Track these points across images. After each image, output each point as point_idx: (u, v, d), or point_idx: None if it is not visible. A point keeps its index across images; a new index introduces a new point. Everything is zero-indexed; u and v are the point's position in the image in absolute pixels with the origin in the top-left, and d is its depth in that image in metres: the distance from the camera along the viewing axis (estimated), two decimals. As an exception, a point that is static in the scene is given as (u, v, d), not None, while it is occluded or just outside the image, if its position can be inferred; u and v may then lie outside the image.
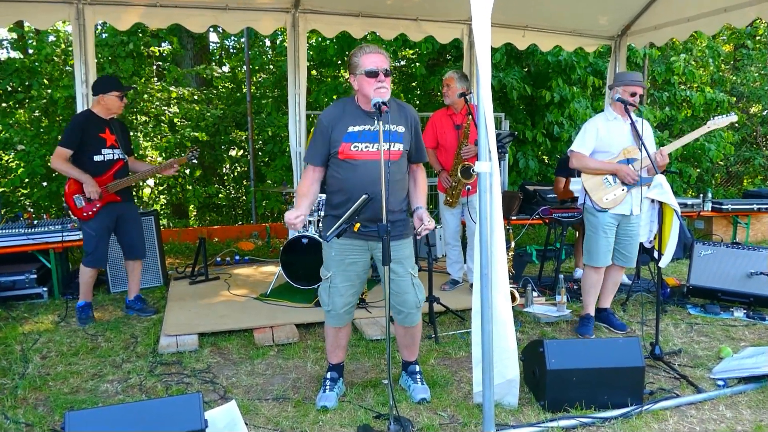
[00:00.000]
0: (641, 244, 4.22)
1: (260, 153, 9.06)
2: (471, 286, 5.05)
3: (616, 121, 4.13)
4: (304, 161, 3.23)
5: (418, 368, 3.36)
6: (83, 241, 4.65)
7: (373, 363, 3.78)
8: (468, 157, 4.64)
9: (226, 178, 9.89)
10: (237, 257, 6.53)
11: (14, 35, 8.61)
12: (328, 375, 3.30)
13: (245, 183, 9.55)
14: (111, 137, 4.51)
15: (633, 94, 4.02)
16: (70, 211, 4.57)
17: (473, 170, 4.49)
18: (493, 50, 7.90)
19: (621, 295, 4.94)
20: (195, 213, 10.09)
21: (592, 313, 4.34)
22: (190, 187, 9.06)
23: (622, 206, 4.08)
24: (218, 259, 6.43)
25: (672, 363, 3.65)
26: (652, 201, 3.60)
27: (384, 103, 2.81)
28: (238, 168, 9.93)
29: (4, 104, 8.38)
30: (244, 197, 9.76)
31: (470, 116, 4.52)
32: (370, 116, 2.97)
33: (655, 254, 3.66)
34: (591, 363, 3.05)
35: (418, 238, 3.12)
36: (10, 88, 8.01)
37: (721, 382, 3.38)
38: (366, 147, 2.98)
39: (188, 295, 5.16)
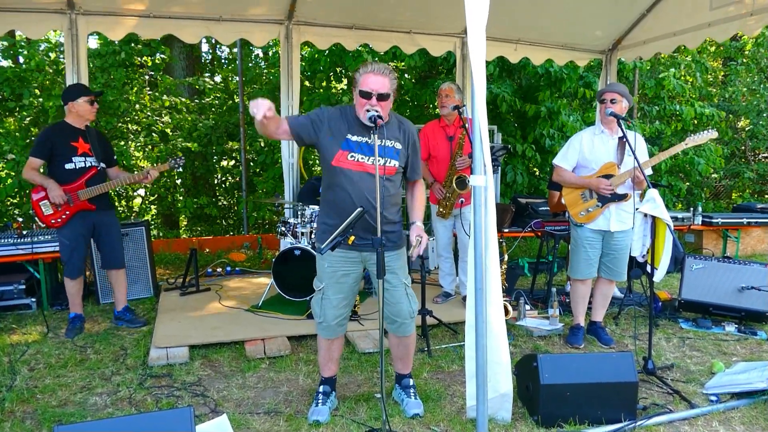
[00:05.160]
0: (635, 259, 4.24)
1: (252, 163, 9.04)
2: (463, 298, 5.06)
3: (602, 135, 4.15)
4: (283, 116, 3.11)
5: (411, 382, 3.34)
6: (60, 251, 4.60)
7: (366, 376, 3.75)
8: (462, 167, 4.65)
9: (217, 188, 9.85)
10: (228, 268, 6.48)
11: (4, 44, 8.57)
12: (321, 389, 3.27)
13: (237, 193, 9.51)
14: (84, 146, 4.47)
15: (612, 101, 4.04)
16: (36, 218, 4.49)
17: (468, 181, 4.52)
18: (486, 63, 7.94)
19: (613, 309, 4.96)
20: (185, 223, 10.03)
21: (582, 323, 4.36)
22: (181, 198, 9.02)
23: (599, 222, 4.11)
24: (209, 270, 6.39)
25: (665, 378, 3.65)
26: (645, 215, 3.62)
27: (380, 117, 2.81)
28: (230, 178, 9.90)
29: (-3, 112, 8.33)
30: (235, 208, 9.72)
31: (464, 128, 4.54)
32: (368, 129, 2.97)
33: (648, 268, 3.67)
34: (585, 378, 3.04)
35: (412, 260, 3.11)
36: (0, 97, 7.94)
37: (714, 398, 3.39)
38: (362, 159, 2.98)
39: (179, 306, 5.11)
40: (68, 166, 4.41)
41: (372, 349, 4.12)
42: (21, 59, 8.65)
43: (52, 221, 4.43)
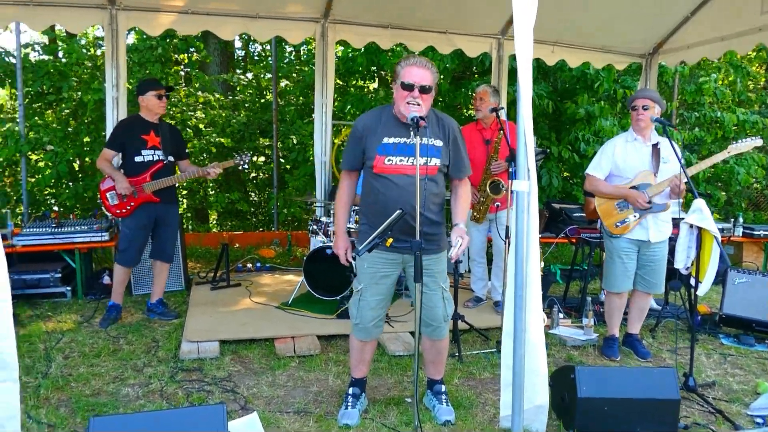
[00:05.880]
0: (673, 269, 4.11)
1: (282, 160, 9.07)
2: (495, 304, 5.00)
3: (636, 142, 4.03)
4: (340, 167, 3.22)
5: (443, 388, 3.29)
6: (119, 239, 4.69)
7: (396, 380, 3.71)
8: (497, 172, 4.57)
9: (248, 184, 9.91)
10: (258, 264, 6.51)
11: (45, 38, 8.76)
12: (351, 390, 3.24)
13: (268, 190, 9.56)
14: (155, 139, 4.57)
15: (644, 107, 3.94)
16: (103, 208, 4.65)
17: (503, 186, 4.44)
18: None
19: (650, 321, 4.81)
20: (215, 218, 10.12)
21: (617, 334, 4.24)
22: (213, 192, 9.09)
23: (637, 232, 3.99)
24: (239, 265, 6.42)
25: (706, 396, 3.52)
26: (691, 226, 3.50)
27: (422, 118, 2.76)
28: (261, 175, 9.95)
29: (35, 105, 8.49)
30: (266, 204, 9.76)
31: (501, 131, 4.46)
32: (406, 128, 2.92)
33: (692, 281, 3.55)
34: (624, 392, 2.95)
35: (452, 261, 3.05)
36: (41, 90, 8.10)
37: (759, 420, 3.25)
38: (401, 161, 2.93)
39: (210, 301, 5.14)
40: (137, 158, 4.51)
41: (402, 352, 4.08)
42: (60, 54, 8.83)
43: (117, 211, 4.55)
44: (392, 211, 2.78)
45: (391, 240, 2.75)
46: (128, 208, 4.54)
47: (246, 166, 5.03)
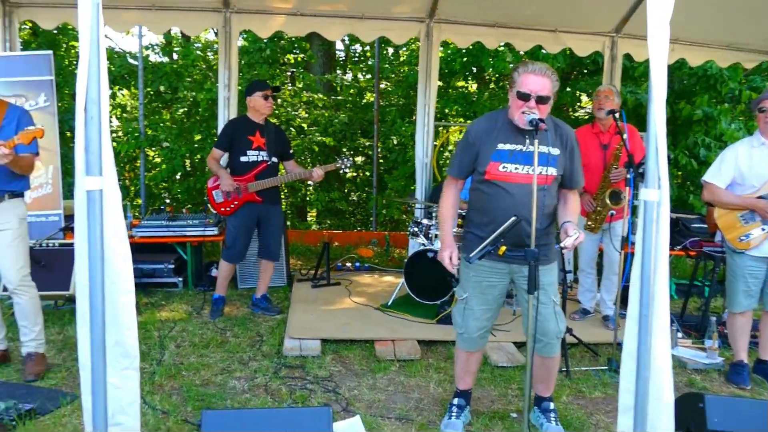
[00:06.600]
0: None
1: (382, 161, 9.11)
2: (604, 318, 4.72)
3: (763, 147, 3.64)
4: (446, 172, 3.13)
5: (552, 405, 3.11)
6: (224, 235, 4.88)
7: (500, 392, 3.57)
8: (617, 180, 4.29)
9: (347, 184, 10.05)
10: (357, 264, 6.55)
11: (162, 41, 9.35)
12: (455, 401, 3.15)
13: (367, 190, 9.64)
14: (260, 140, 4.68)
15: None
16: (209, 205, 4.84)
17: (624, 195, 4.17)
18: (638, 65, 7.40)
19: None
20: (314, 216, 10.34)
21: (746, 360, 3.85)
22: (314, 191, 9.30)
23: (765, 248, 3.60)
24: (338, 264, 6.50)
25: None
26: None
27: (542, 121, 2.62)
28: (361, 175, 10.05)
29: (153, 104, 9.07)
30: (364, 204, 9.86)
31: (620, 135, 4.18)
32: (523, 135, 2.79)
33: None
34: (761, 428, 2.65)
35: (564, 251, 2.86)
36: (159, 90, 8.64)
37: None
38: (516, 169, 2.80)
39: (311, 298, 5.22)
40: (243, 158, 4.66)
41: (506, 363, 3.93)
42: (175, 56, 9.37)
43: (222, 209, 4.73)
44: (503, 220, 2.66)
45: (504, 248, 2.63)
46: (232, 206, 4.68)
47: (347, 170, 5.06)
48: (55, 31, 8.38)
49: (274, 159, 4.76)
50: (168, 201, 8.59)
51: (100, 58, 2.16)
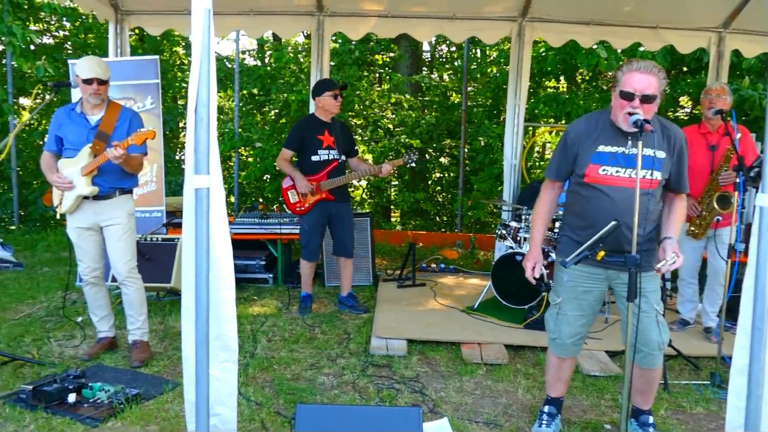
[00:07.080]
0: None
1: (468, 162, 9.03)
2: (706, 330, 4.44)
3: None
4: (543, 174, 3.05)
5: (651, 419, 2.97)
6: (300, 235, 5.01)
7: (592, 402, 3.44)
8: (726, 183, 4.02)
9: (433, 185, 10.05)
10: (442, 265, 6.53)
11: (256, 44, 9.74)
12: (546, 409, 3.06)
13: (452, 191, 9.59)
14: (329, 138, 4.77)
15: None
16: (284, 205, 4.99)
17: (733, 199, 3.90)
18: (744, 60, 6.89)
19: None
20: (398, 216, 10.41)
21: None
22: (398, 192, 9.36)
23: None
24: (423, 265, 6.50)
25: None
26: None
27: (647, 121, 2.50)
28: (447, 176, 10.02)
29: (247, 106, 9.46)
30: (449, 205, 9.81)
31: (729, 136, 3.91)
32: (625, 137, 2.67)
33: None
34: None
35: (657, 275, 2.74)
36: (252, 92, 9.01)
37: None
38: (617, 172, 2.68)
39: (396, 298, 5.25)
40: (314, 158, 4.77)
41: (598, 372, 3.78)
42: (267, 59, 9.72)
43: (297, 208, 4.86)
44: (602, 224, 2.56)
45: (602, 253, 2.53)
46: (306, 206, 4.78)
47: (413, 164, 5.04)
48: (158, 37, 8.92)
49: (343, 156, 4.83)
50: (260, 200, 8.93)
51: (210, 63, 2.27)
